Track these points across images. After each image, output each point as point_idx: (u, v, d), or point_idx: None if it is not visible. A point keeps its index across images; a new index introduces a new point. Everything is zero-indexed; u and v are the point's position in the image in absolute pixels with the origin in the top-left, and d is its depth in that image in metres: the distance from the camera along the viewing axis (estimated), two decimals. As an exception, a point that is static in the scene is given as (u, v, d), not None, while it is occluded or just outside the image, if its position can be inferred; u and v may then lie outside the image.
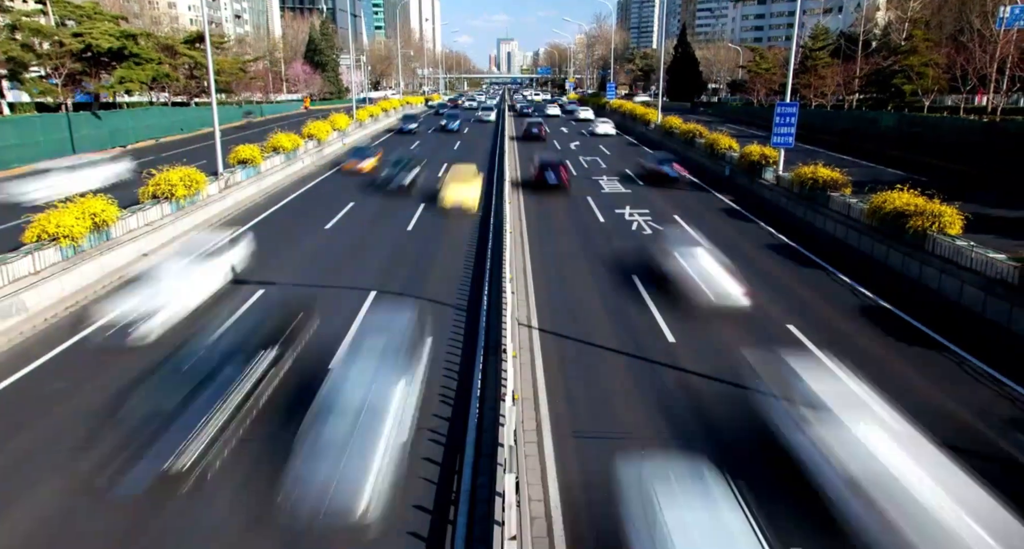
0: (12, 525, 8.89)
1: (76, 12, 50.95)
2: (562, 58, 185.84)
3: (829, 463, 9.01)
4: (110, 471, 9.32)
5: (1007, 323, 15.38)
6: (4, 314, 14.92)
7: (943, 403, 12.13)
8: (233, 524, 8.96)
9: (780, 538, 8.01)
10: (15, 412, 11.80)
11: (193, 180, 24.64)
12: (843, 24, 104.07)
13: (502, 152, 41.39)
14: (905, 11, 62.19)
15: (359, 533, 8.49)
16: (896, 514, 7.89)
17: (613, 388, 12.72)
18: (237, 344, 11.90)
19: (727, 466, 8.80)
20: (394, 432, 9.73)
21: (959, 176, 35.45)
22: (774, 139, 29.62)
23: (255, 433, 10.86)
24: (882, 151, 45.85)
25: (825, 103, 70.16)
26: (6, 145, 36.51)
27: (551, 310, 16.70)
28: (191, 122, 59.79)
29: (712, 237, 23.67)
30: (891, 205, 20.23)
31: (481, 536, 8.34)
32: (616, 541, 7.84)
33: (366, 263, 20.84)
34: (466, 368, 13.44)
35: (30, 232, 17.29)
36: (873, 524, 8.07)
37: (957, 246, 17.59)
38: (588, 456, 10.47)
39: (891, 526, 7.82)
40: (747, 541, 7.23)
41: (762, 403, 11.11)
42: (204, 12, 31.77)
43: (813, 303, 17.40)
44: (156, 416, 9.87)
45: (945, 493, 8.00)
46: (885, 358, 14.05)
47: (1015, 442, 10.88)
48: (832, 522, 8.56)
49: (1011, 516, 7.72)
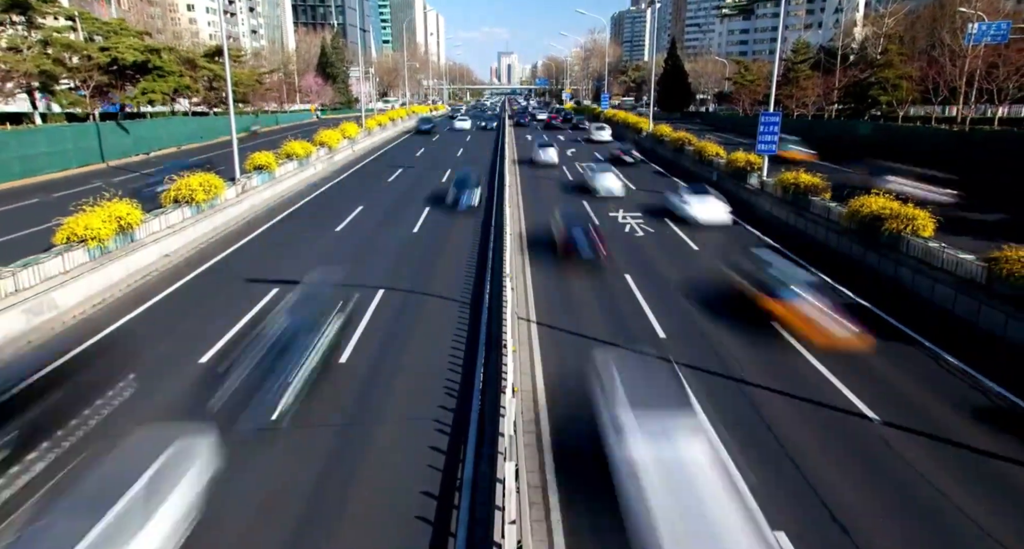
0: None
1: (103, 28, 50.93)
2: (559, 70, 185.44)
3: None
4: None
5: (975, 319, 15.41)
6: (36, 311, 14.94)
7: (910, 391, 12.17)
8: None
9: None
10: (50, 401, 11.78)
11: (212, 185, 24.61)
12: (823, 39, 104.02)
13: (502, 172, 41.28)
14: (881, 27, 62.23)
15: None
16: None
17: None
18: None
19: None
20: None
21: (937, 182, 35.39)
22: (759, 147, 29.60)
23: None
24: (860, 158, 45.82)
25: (806, 113, 70.10)
26: (38, 153, 36.48)
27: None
28: (210, 130, 59.73)
29: (700, 239, 23.72)
30: (868, 209, 20.22)
31: (483, 519, 8.35)
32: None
33: (374, 264, 20.84)
34: (469, 362, 13.45)
35: (60, 234, 17.27)
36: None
37: (929, 247, 17.60)
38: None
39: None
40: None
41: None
42: (222, 27, 31.78)
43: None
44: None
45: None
46: (860, 351, 14.07)
47: (980, 427, 10.92)
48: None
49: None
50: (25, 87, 43.81)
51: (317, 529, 8.54)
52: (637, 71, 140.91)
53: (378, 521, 8.75)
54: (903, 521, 8.75)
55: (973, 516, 8.81)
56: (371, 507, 9.01)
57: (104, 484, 7.57)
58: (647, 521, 7.42)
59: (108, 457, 8.30)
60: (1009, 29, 41.83)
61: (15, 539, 7.01)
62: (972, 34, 42.42)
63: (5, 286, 14.38)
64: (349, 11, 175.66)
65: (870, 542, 8.29)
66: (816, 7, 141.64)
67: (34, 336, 14.53)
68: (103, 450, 8.90)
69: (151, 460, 8.02)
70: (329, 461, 10.04)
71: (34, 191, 32.22)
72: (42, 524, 6.98)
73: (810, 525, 8.61)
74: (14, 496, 9.07)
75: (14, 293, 14.57)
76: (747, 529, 7.24)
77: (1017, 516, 8.87)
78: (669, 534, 7.16)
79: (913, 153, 41.81)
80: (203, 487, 8.61)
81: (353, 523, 8.70)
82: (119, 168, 41.27)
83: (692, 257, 21.70)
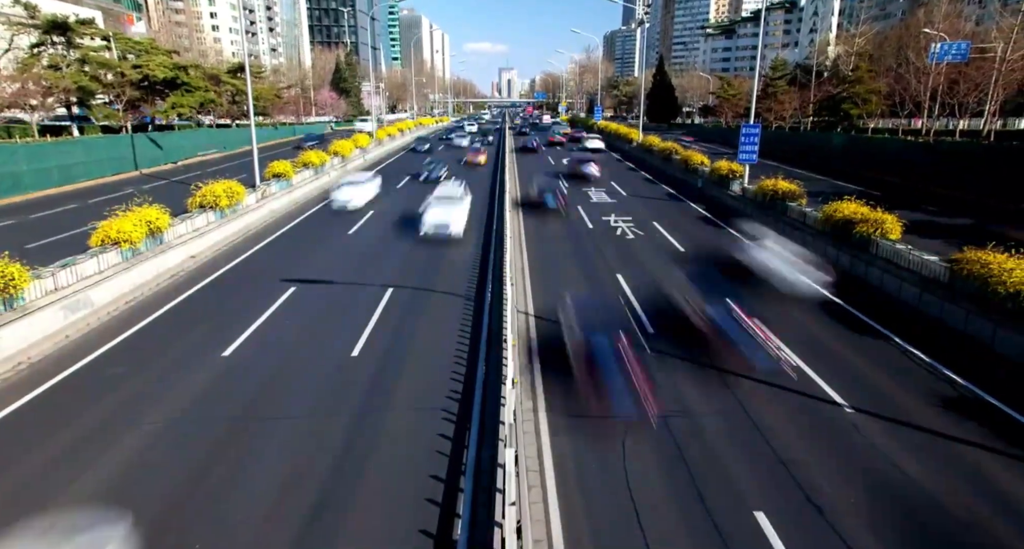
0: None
1: (136, 47, 50.94)
2: (556, 85, 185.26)
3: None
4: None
5: (939, 315, 15.42)
6: (74, 308, 14.95)
7: (878, 380, 12.20)
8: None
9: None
10: (81, 394, 11.83)
11: (234, 192, 24.59)
12: (799, 57, 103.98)
13: (502, 180, 41.15)
14: (852, 46, 62.20)
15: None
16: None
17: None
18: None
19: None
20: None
21: (903, 189, 35.45)
22: (740, 156, 29.60)
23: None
24: (833, 167, 45.85)
25: (784, 125, 69.99)
26: (75, 162, 36.48)
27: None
28: (233, 141, 59.70)
29: (687, 240, 23.69)
30: (840, 213, 20.20)
31: (485, 501, 8.36)
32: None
33: (384, 265, 20.83)
34: (472, 355, 13.44)
35: (95, 237, 17.27)
36: None
37: (897, 249, 17.60)
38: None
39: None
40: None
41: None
42: (244, 46, 31.77)
43: (770, 295, 17.36)
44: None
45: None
46: (832, 343, 14.08)
47: (941, 412, 10.94)
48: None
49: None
50: (64, 102, 43.86)
51: (331, 513, 8.51)
52: (628, 86, 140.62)
53: (391, 499, 8.76)
54: (849, 476, 8.77)
55: (927, 489, 8.92)
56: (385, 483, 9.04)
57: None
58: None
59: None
60: (969, 49, 41.88)
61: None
62: (935, 53, 42.47)
63: (45, 285, 14.39)
64: (361, 31, 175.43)
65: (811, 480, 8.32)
66: (793, 27, 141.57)
67: (71, 331, 14.54)
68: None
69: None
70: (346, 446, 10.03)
71: (72, 197, 32.24)
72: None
73: (767, 476, 8.64)
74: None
75: (53, 291, 14.58)
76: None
77: (969, 491, 8.93)
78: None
79: (879, 163, 41.80)
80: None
81: (367, 504, 8.69)
82: (151, 176, 41.28)
83: (677, 255, 21.69)
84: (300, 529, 8.16)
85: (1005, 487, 9.06)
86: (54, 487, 8.98)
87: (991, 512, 8.52)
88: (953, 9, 56.48)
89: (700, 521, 8.30)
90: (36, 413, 11.13)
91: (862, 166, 43.24)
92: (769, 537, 8.00)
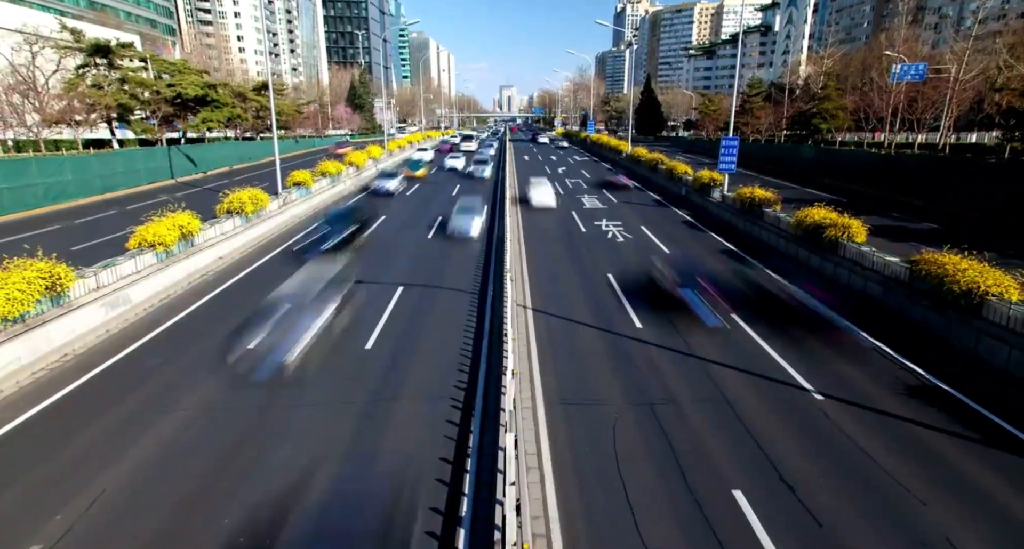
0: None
1: (170, 67, 50.88)
2: (552, 100, 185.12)
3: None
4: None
5: (901, 311, 15.43)
6: (114, 304, 14.96)
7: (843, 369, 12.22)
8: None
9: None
10: (121, 382, 11.86)
11: (259, 198, 24.58)
12: (773, 75, 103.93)
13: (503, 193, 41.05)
14: (821, 66, 62.20)
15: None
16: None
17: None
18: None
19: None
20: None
21: (867, 197, 35.45)
22: (720, 166, 29.61)
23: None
24: (805, 176, 45.87)
25: (760, 138, 69.95)
26: (115, 172, 36.48)
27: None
28: (257, 153, 59.66)
29: (672, 243, 23.70)
30: (811, 219, 20.20)
31: (487, 482, 8.38)
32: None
33: (394, 264, 20.84)
34: (476, 347, 13.46)
35: (133, 240, 17.26)
36: None
37: (862, 251, 17.62)
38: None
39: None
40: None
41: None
42: (268, 66, 31.80)
43: (748, 292, 17.37)
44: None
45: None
46: (801, 334, 14.09)
47: (901, 398, 10.97)
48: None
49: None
50: (105, 117, 43.88)
51: (351, 496, 8.45)
52: (618, 102, 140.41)
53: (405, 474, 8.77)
54: (817, 455, 8.79)
55: (888, 469, 8.94)
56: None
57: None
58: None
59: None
60: (926, 69, 41.99)
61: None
62: (896, 73, 42.56)
63: (88, 284, 14.40)
64: (374, 51, 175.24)
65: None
66: (768, 49, 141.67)
67: (112, 326, 14.56)
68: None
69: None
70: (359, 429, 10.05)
71: (112, 204, 32.22)
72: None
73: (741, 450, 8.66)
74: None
75: (95, 289, 14.59)
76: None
77: (925, 468, 8.94)
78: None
79: (846, 173, 41.81)
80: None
81: (380, 487, 8.69)
82: (184, 184, 41.29)
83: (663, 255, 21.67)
84: (320, 506, 8.18)
85: (953, 462, 9.13)
86: (115, 453, 9.22)
87: (928, 478, 8.54)
88: (912, 33, 56.62)
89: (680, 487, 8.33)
90: (86, 397, 11.22)
91: (830, 175, 43.27)
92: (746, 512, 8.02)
